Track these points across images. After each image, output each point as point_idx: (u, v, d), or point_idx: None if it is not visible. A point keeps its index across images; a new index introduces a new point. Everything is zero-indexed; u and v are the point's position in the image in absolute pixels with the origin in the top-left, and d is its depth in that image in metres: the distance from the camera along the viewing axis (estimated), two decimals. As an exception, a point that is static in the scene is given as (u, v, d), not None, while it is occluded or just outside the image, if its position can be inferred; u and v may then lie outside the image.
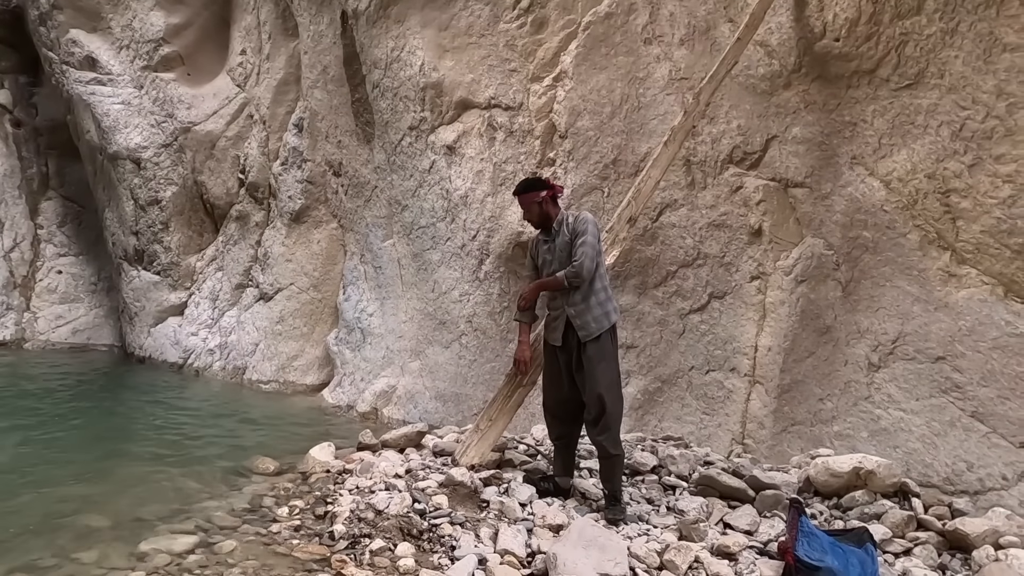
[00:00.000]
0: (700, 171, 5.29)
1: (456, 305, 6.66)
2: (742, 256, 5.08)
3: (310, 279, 8.63)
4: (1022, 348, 3.63)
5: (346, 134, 8.07)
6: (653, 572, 2.97)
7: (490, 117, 6.51)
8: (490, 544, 3.21)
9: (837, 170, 4.59)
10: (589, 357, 3.56)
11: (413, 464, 4.13)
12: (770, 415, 4.74)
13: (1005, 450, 3.61)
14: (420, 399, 6.80)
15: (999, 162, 3.81)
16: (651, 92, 5.60)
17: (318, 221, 8.65)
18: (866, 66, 4.40)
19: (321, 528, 3.44)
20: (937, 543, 3.37)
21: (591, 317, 3.56)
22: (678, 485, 3.98)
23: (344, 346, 7.87)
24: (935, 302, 4.04)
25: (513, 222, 6.25)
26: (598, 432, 3.56)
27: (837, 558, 2.91)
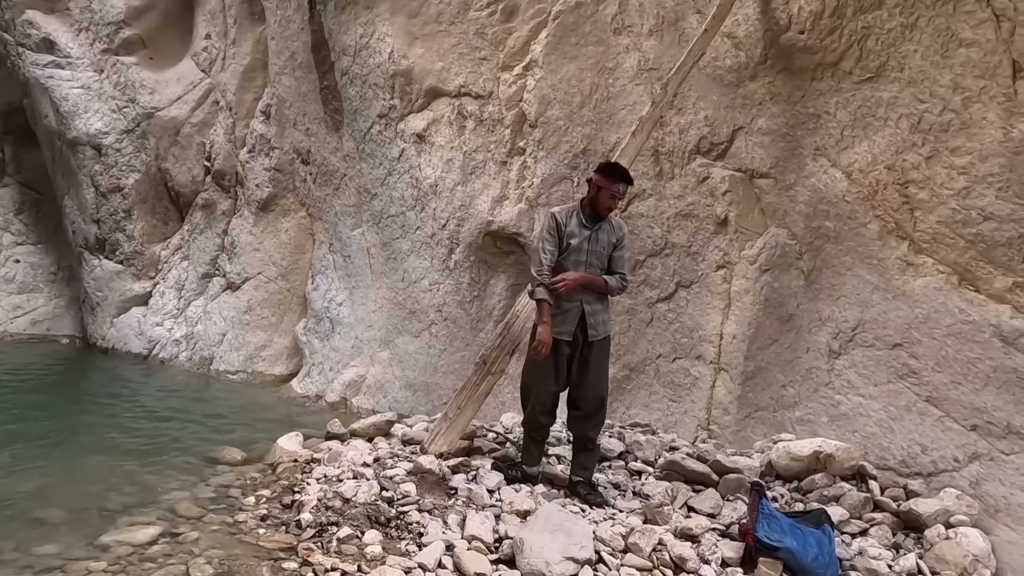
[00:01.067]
0: (668, 161, 5.34)
1: (426, 294, 6.64)
2: (708, 246, 5.15)
3: (278, 268, 8.52)
4: (974, 335, 3.75)
5: (315, 121, 7.96)
6: (618, 555, 3.02)
7: (460, 106, 6.48)
8: (458, 530, 3.23)
9: (801, 161, 4.67)
10: (595, 357, 3.68)
11: (381, 453, 4.13)
12: (734, 401, 4.83)
13: (957, 433, 3.73)
14: (390, 389, 6.78)
15: (955, 154, 3.92)
16: (620, 82, 5.63)
17: (286, 210, 8.54)
18: (829, 59, 4.48)
19: (288, 517, 3.42)
20: (892, 523, 3.49)
21: (604, 319, 3.72)
22: (644, 470, 4.04)
23: (313, 336, 7.80)
24: (893, 291, 4.15)
25: (483, 211, 6.25)
26: (591, 427, 3.71)
27: (795, 539, 3.00)
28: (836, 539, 3.21)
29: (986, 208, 3.76)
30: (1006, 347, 3.61)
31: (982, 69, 3.80)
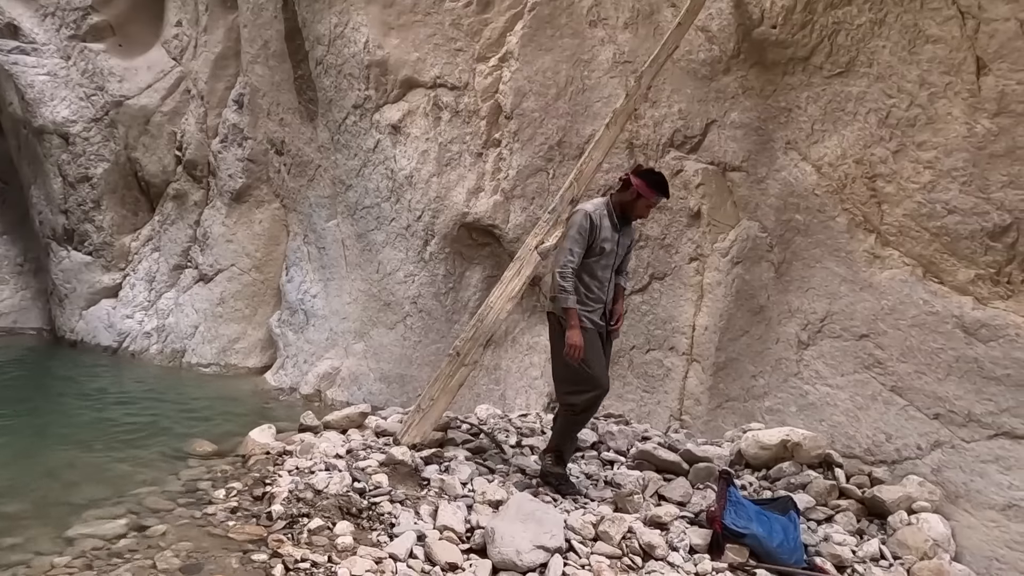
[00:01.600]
0: (643, 154, 5.37)
1: (401, 286, 6.61)
2: (682, 238, 5.20)
3: (252, 260, 8.42)
4: (937, 325, 3.83)
5: (288, 111, 7.87)
6: (588, 543, 3.04)
7: (436, 97, 6.44)
8: (430, 521, 3.23)
9: (772, 155, 4.72)
10: (609, 347, 3.82)
11: (354, 444, 4.11)
12: (706, 392, 4.89)
13: (920, 421, 3.82)
14: (364, 381, 6.75)
15: (921, 149, 3.99)
16: (596, 75, 5.64)
17: (260, 201, 8.43)
18: (801, 53, 4.53)
19: (259, 509, 3.39)
20: (857, 510, 3.56)
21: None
22: (617, 460, 4.08)
23: (287, 328, 7.73)
24: (860, 282, 4.22)
25: (458, 203, 6.24)
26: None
27: (762, 525, 3.05)
28: (802, 526, 3.27)
29: (950, 202, 3.83)
30: (968, 337, 3.69)
31: (948, 65, 3.86)
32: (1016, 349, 3.49)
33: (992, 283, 3.70)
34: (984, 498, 3.45)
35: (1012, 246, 3.60)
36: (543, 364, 5.82)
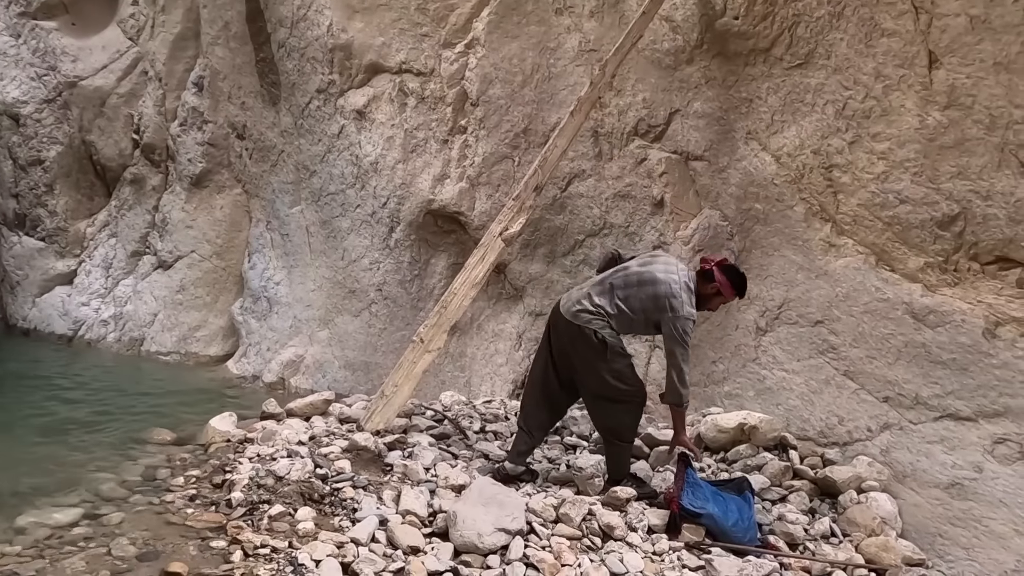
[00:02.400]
0: (607, 143, 5.41)
1: (366, 273, 6.56)
2: (645, 226, 5.26)
3: (213, 246, 8.26)
4: (888, 312, 3.95)
5: (250, 95, 7.71)
6: (549, 525, 3.09)
7: (401, 82, 6.38)
8: (392, 505, 3.24)
9: (733, 144, 4.80)
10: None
11: (317, 431, 4.09)
12: (668, 378, 4.97)
13: (871, 404, 3.95)
14: (329, 368, 6.70)
15: (875, 140, 4.09)
16: (561, 62, 5.65)
17: (221, 186, 8.26)
18: (762, 45, 4.60)
19: (218, 496, 3.36)
20: (810, 490, 3.67)
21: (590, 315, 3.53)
22: (579, 444, 4.13)
23: (250, 315, 7.62)
24: (816, 270, 4.33)
25: (424, 190, 6.20)
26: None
27: (718, 505, 3.13)
28: (756, 505, 3.36)
29: (902, 192, 3.94)
30: (916, 323, 3.82)
31: (902, 58, 3.97)
32: (961, 334, 3.62)
33: (940, 271, 3.83)
34: (929, 477, 3.59)
35: (959, 235, 3.73)
36: (508, 351, 5.86)
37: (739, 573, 2.84)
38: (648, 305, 3.33)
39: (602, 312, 3.38)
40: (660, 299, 3.30)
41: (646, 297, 3.33)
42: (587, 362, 3.40)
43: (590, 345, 3.36)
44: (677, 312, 3.26)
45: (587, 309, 3.41)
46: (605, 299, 3.41)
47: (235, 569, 2.67)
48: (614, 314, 3.37)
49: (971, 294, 3.66)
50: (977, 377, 3.52)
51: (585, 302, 3.44)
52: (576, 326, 3.40)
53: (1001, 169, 3.54)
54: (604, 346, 3.34)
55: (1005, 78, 3.50)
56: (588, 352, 3.38)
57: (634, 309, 3.35)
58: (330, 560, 2.73)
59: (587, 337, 3.36)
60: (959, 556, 3.35)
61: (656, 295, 3.31)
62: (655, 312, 3.31)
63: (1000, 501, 3.32)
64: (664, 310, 3.28)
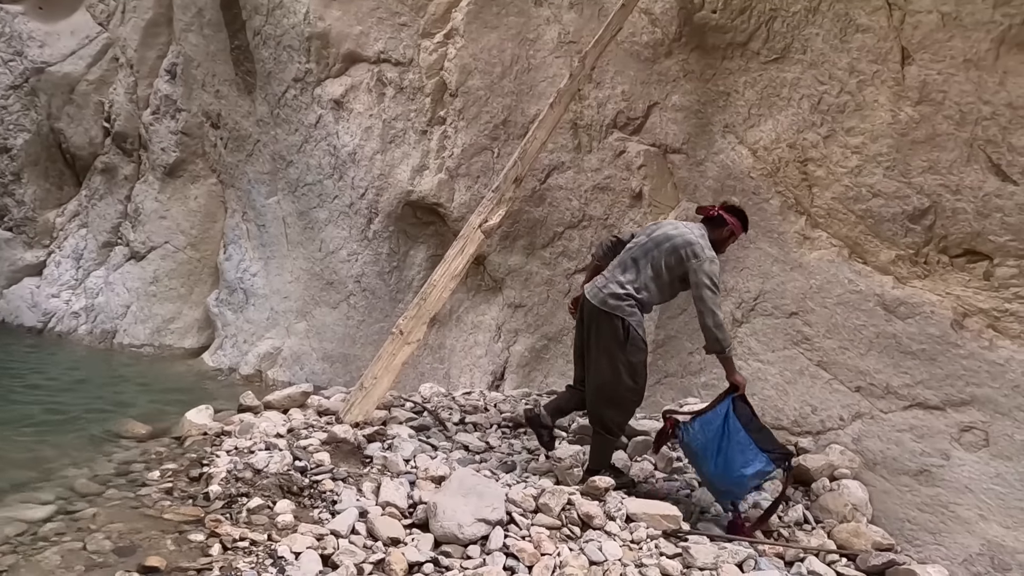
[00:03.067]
0: (586, 135, 5.42)
1: (344, 265, 6.52)
2: (624, 218, 5.29)
3: (187, 237, 8.14)
4: (860, 303, 4.03)
5: (225, 83, 7.59)
6: (529, 515, 3.11)
7: (379, 72, 6.33)
8: (372, 497, 3.24)
9: (711, 138, 4.84)
10: None
11: (295, 423, 4.07)
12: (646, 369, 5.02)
13: (843, 394, 4.03)
14: (307, 360, 6.66)
15: (849, 134, 4.16)
16: (541, 54, 5.64)
17: (195, 176, 8.13)
18: (739, 39, 4.64)
19: (195, 490, 3.33)
20: (783, 478, 3.74)
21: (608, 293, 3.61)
22: (558, 435, 4.15)
23: (225, 307, 7.53)
24: (791, 263, 4.39)
25: (403, 181, 6.17)
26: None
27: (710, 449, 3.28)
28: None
29: (875, 186, 4.01)
30: (887, 315, 3.90)
31: (875, 54, 4.03)
32: (930, 325, 3.71)
33: (911, 263, 3.91)
34: (899, 465, 3.68)
35: (930, 228, 3.81)
36: (487, 343, 5.87)
37: (715, 560, 2.89)
38: (671, 261, 3.38)
39: (630, 292, 3.39)
40: (680, 249, 3.36)
41: (668, 254, 3.39)
42: (606, 350, 3.41)
43: (614, 334, 3.38)
44: (701, 257, 3.32)
45: (615, 293, 3.41)
46: (631, 273, 3.43)
47: (214, 562, 2.65)
48: (643, 285, 3.40)
49: (940, 286, 3.75)
50: (945, 367, 3.61)
51: (612, 286, 3.44)
52: (603, 312, 3.40)
53: (970, 164, 3.61)
54: (627, 336, 3.37)
55: (975, 75, 3.58)
56: (610, 341, 3.39)
57: (659, 271, 3.39)
58: (310, 552, 2.72)
59: (613, 325, 3.38)
60: (927, 541, 3.44)
61: (675, 247, 3.38)
62: (679, 266, 3.36)
63: (966, 487, 3.42)
64: (688, 259, 3.34)
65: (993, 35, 3.49)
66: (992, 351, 3.46)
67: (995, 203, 3.50)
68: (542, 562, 2.77)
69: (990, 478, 3.35)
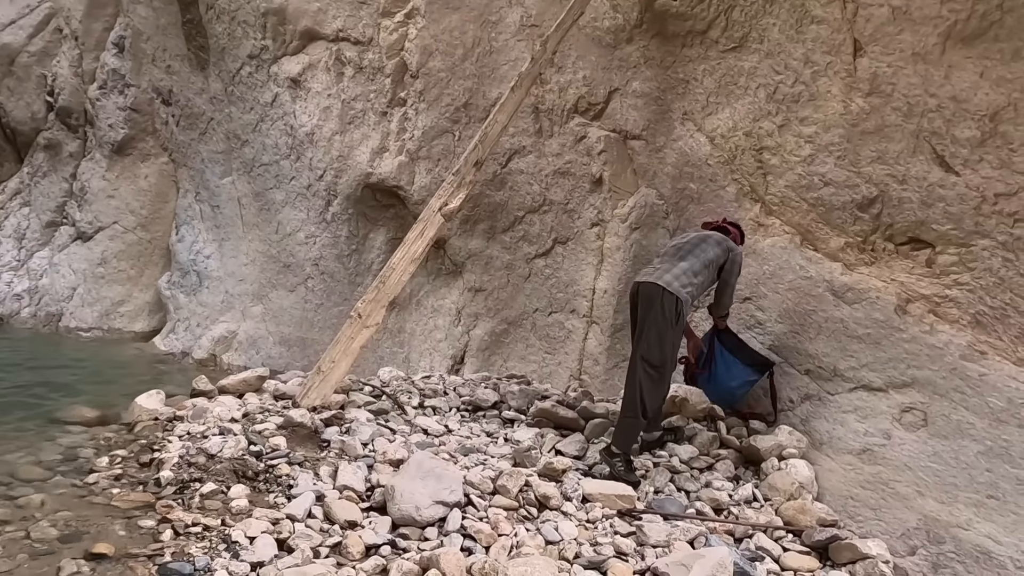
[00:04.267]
0: (548, 119, 5.42)
1: (302, 247, 6.41)
2: (584, 203, 5.32)
3: (137, 218, 7.90)
4: (811, 289, 4.15)
5: (176, 58, 7.34)
6: (487, 497, 3.13)
7: (338, 51, 6.21)
8: (329, 481, 3.22)
9: (670, 124, 4.90)
10: None
11: (251, 408, 4.00)
12: (604, 352, 5.09)
13: (793, 377, 4.15)
14: (263, 344, 6.55)
15: (803, 124, 4.24)
16: (503, 37, 5.60)
17: (145, 154, 7.88)
18: (699, 27, 4.68)
19: (146, 476, 3.25)
20: (735, 458, 3.86)
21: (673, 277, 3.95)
22: (517, 418, 4.19)
23: (178, 290, 7.34)
24: (746, 249, 4.48)
25: (362, 163, 6.08)
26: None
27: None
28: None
29: (826, 175, 4.12)
30: (836, 300, 4.02)
31: (829, 45, 4.11)
32: (876, 311, 3.84)
33: (859, 251, 4.03)
34: (843, 444, 3.82)
35: (877, 217, 3.93)
36: (447, 327, 5.86)
37: (667, 538, 2.97)
38: (712, 256, 3.90)
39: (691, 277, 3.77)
40: (720, 245, 3.96)
41: (711, 249, 3.92)
42: (657, 324, 3.67)
43: (670, 308, 3.66)
44: (735, 250, 4.00)
45: (684, 282, 3.74)
46: (687, 262, 3.82)
47: (165, 548, 2.60)
48: (700, 270, 3.83)
49: (885, 273, 3.88)
50: (888, 350, 3.75)
51: (675, 271, 3.77)
52: (663, 289, 3.69)
53: (916, 155, 3.73)
54: (678, 316, 3.67)
55: (922, 68, 3.68)
56: (662, 317, 3.66)
57: (707, 263, 3.87)
58: (265, 536, 2.69)
59: (671, 301, 3.67)
60: (868, 516, 3.59)
61: (717, 242, 3.97)
62: (720, 257, 3.92)
63: (905, 465, 3.57)
64: (727, 251, 3.96)
65: (940, 30, 3.59)
66: (932, 335, 3.60)
67: (938, 193, 3.63)
68: (499, 543, 2.80)
69: (927, 456, 3.50)
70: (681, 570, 2.63)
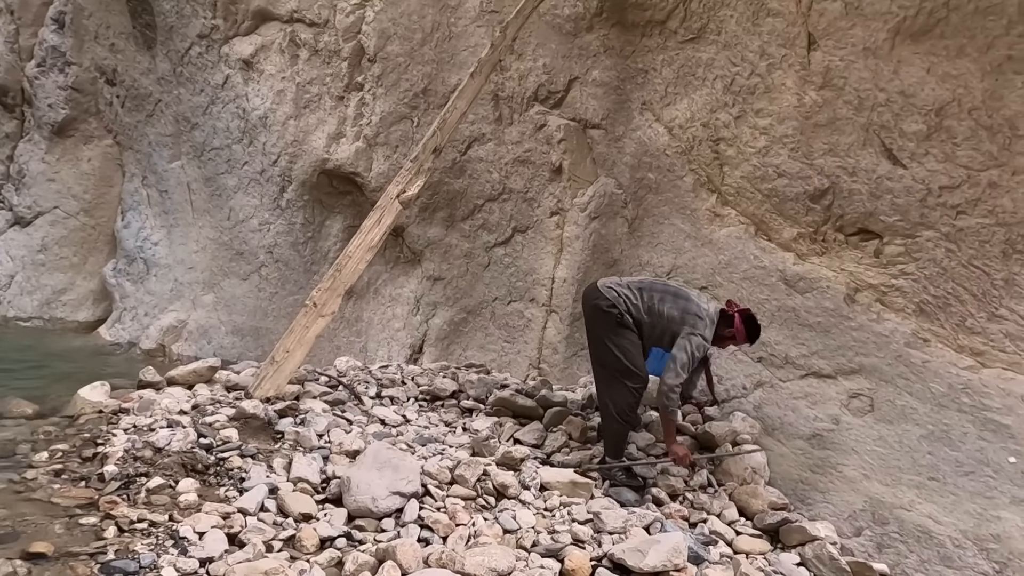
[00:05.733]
0: (508, 107, 5.38)
1: (255, 235, 6.25)
2: (544, 192, 5.31)
3: (80, 202, 7.58)
4: (764, 279, 4.23)
5: (121, 36, 7.04)
6: (444, 487, 3.12)
7: (293, 32, 6.04)
8: (284, 473, 3.15)
9: (629, 114, 4.91)
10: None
11: (201, 400, 3.89)
12: (563, 341, 5.11)
13: (747, 365, 4.24)
14: (215, 334, 6.38)
15: (758, 116, 4.31)
16: (462, 22, 5.53)
17: (88, 136, 7.55)
18: (658, 17, 4.70)
19: (89, 471, 3.13)
20: (691, 445, 3.90)
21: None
22: (475, 408, 4.18)
23: (124, 278, 7.08)
24: (702, 239, 4.55)
25: (318, 148, 5.95)
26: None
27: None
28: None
29: (780, 166, 4.19)
30: (788, 289, 4.11)
31: (784, 38, 4.17)
32: (826, 299, 3.94)
33: (810, 241, 4.12)
34: (794, 429, 3.91)
35: (828, 208, 4.02)
36: (406, 316, 5.80)
37: (624, 524, 3.00)
38: (675, 316, 3.53)
39: (630, 303, 3.54)
40: (689, 315, 3.52)
41: (679, 308, 3.54)
42: (595, 334, 3.59)
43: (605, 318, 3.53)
44: (696, 330, 3.48)
45: (617, 293, 3.56)
46: (638, 296, 3.58)
47: (108, 545, 2.51)
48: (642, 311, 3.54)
49: (836, 263, 3.98)
50: (838, 338, 3.85)
51: (620, 288, 3.60)
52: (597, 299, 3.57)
53: (866, 148, 3.83)
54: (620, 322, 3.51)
55: (872, 63, 3.77)
56: (600, 325, 3.55)
57: (663, 315, 3.54)
58: (215, 531, 2.63)
59: (605, 310, 3.53)
60: (817, 499, 3.69)
61: (687, 310, 3.54)
62: (680, 324, 3.51)
63: (852, 449, 3.68)
64: (687, 324, 3.50)
65: (890, 25, 3.68)
66: (879, 323, 3.71)
67: (886, 185, 3.73)
68: (456, 532, 2.79)
69: (873, 440, 3.62)
70: (637, 556, 2.66)
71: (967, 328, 3.45)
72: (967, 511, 3.23)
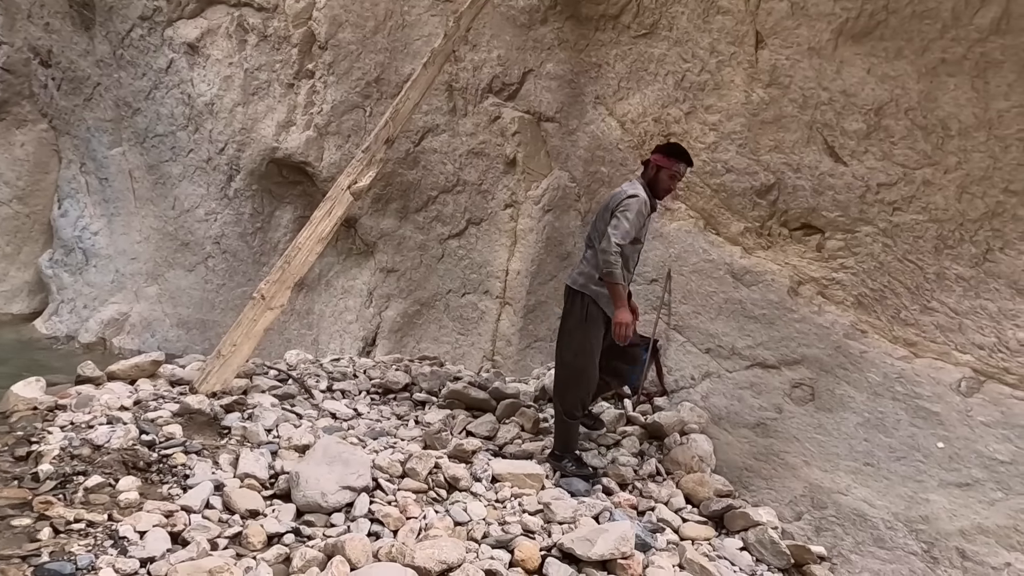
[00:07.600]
0: (462, 98, 5.35)
1: (201, 225, 6.07)
2: (498, 184, 5.31)
3: (13, 189, 7.23)
4: (712, 272, 4.32)
5: (56, 16, 6.72)
6: (396, 481, 3.10)
7: (240, 17, 5.87)
8: (230, 470, 3.09)
9: (583, 108, 4.94)
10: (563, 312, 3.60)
11: (143, 395, 3.77)
12: (517, 333, 5.13)
13: (695, 355, 4.33)
14: (159, 327, 6.18)
15: (708, 112, 4.39)
16: (416, 11, 5.47)
17: (21, 120, 7.20)
18: (612, 11, 4.73)
19: (22, 470, 3.00)
20: (640, 435, 3.99)
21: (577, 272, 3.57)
22: (428, 400, 4.16)
23: (61, 269, 6.80)
24: (654, 232, 4.61)
25: (267, 136, 5.81)
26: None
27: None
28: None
29: (728, 162, 4.28)
30: (735, 282, 4.21)
31: (734, 36, 4.25)
32: (771, 292, 4.05)
33: (757, 235, 4.23)
34: (740, 418, 4.02)
35: (774, 203, 4.13)
36: (358, 308, 5.73)
37: (574, 514, 3.03)
38: (605, 216, 3.45)
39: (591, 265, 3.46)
40: (608, 204, 3.49)
41: (600, 213, 3.52)
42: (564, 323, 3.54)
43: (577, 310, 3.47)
44: (622, 205, 3.39)
45: (582, 271, 3.51)
46: (590, 250, 3.51)
47: (43, 547, 2.41)
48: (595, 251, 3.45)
49: (780, 256, 4.09)
50: (781, 330, 3.97)
51: (581, 265, 3.56)
52: (572, 290, 3.51)
53: (809, 145, 3.94)
54: (584, 314, 3.45)
55: (816, 62, 3.88)
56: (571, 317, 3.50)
57: (600, 230, 3.45)
58: (157, 530, 2.55)
59: (578, 301, 3.47)
60: (760, 486, 3.81)
61: (606, 205, 3.52)
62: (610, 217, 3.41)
63: (794, 437, 3.81)
64: (613, 208, 3.43)
65: (833, 26, 3.78)
66: (820, 315, 3.84)
67: (828, 182, 3.85)
68: (407, 526, 2.78)
69: (813, 428, 3.75)
70: (586, 545, 2.70)
71: (901, 320, 3.60)
72: (899, 494, 3.38)
